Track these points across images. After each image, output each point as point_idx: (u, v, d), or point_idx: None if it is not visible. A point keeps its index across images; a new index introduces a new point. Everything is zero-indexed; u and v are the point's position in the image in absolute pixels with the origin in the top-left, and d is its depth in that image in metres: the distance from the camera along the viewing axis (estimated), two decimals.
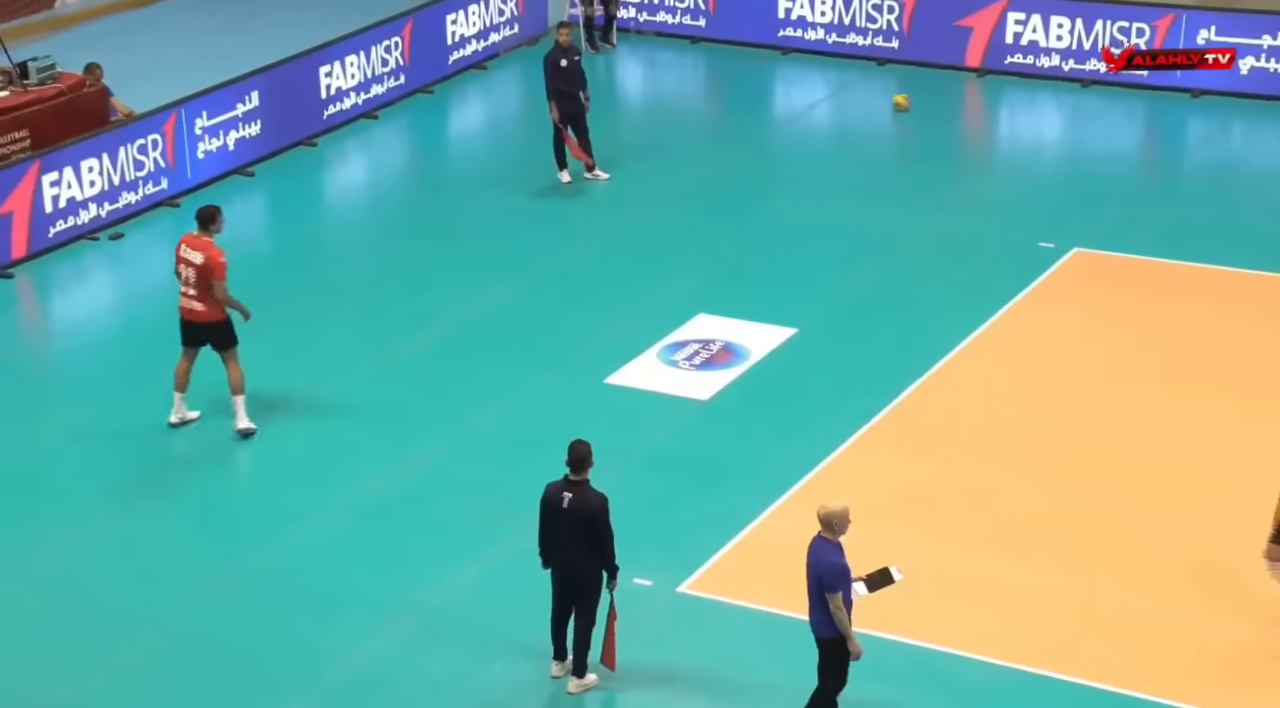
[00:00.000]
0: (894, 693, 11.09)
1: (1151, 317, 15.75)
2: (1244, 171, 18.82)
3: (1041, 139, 20.50)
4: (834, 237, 17.47)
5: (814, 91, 21.64)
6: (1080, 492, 13.16)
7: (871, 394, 14.43)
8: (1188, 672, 11.25)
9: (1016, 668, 11.29)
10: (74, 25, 23.46)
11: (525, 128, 20.27)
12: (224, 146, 19.02)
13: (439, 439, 14.04)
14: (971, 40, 21.41)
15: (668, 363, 15.15)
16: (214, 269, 13.60)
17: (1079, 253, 16.93)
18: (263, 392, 14.52)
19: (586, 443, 10.76)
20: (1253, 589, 11.97)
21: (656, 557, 12.40)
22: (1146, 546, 12.48)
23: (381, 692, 11.21)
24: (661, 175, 19.07)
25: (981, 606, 11.93)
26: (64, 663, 11.56)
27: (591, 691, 11.18)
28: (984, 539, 12.64)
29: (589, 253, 17.49)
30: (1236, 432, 13.67)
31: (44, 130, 18.37)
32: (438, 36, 21.59)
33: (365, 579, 12.32)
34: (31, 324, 16.54)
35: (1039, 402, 14.41)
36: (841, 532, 10.20)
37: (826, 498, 10.68)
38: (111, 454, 13.99)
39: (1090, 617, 11.77)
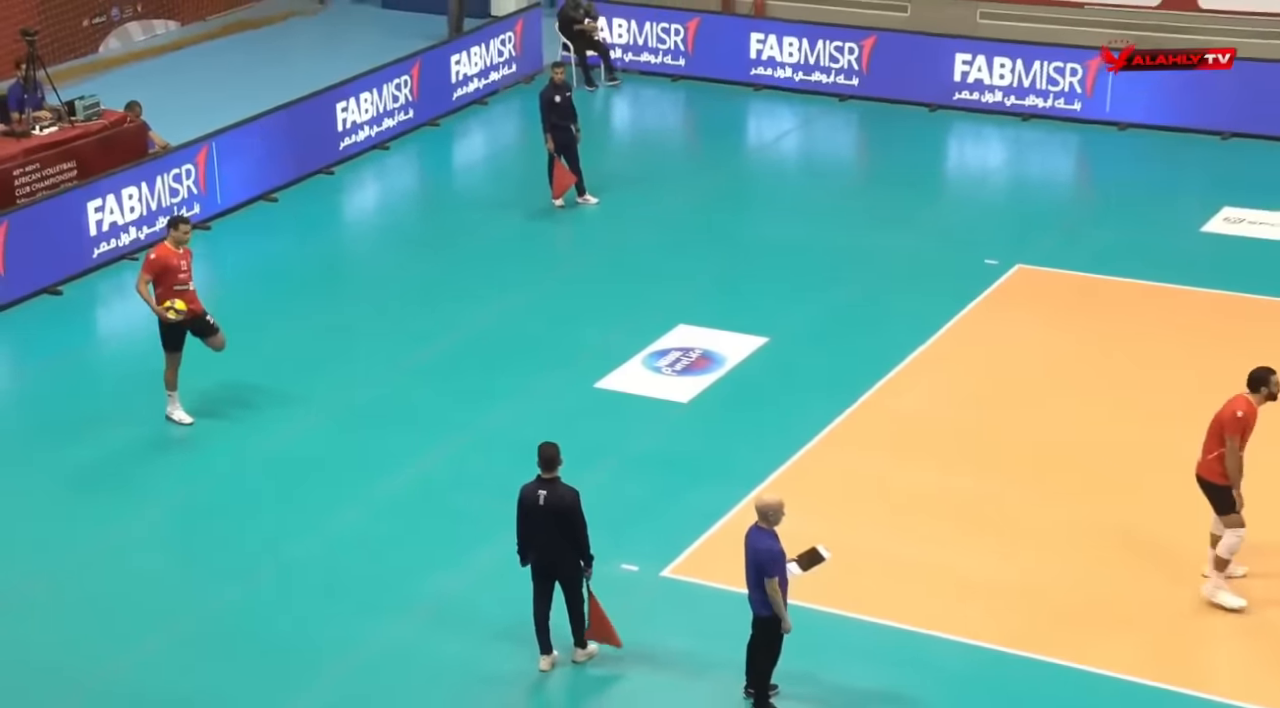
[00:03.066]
0: (843, 666, 11.10)
1: (1087, 327, 15.74)
2: (1165, 196, 18.81)
3: (987, 167, 20.49)
4: (802, 254, 17.43)
5: (783, 124, 21.61)
6: (1021, 484, 13.15)
7: (836, 397, 14.40)
8: (1122, 645, 11.24)
9: (959, 641, 11.30)
10: (116, 68, 23.47)
11: (522, 157, 20.22)
12: (250, 175, 18.93)
13: (448, 439, 13.99)
14: (924, 78, 21.38)
15: (651, 369, 15.09)
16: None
17: (1021, 269, 16.91)
18: (287, 395, 14.46)
19: (554, 444, 10.76)
20: (1186, 569, 11.94)
21: (642, 545, 12.35)
22: (1080, 532, 12.49)
23: (399, 672, 11.16)
24: (645, 199, 19.03)
25: (930, 587, 11.93)
26: (107, 643, 11.50)
27: (585, 667, 11.12)
28: (934, 527, 12.63)
29: (580, 270, 17.44)
30: (1161, 430, 13.66)
31: (89, 161, 18.38)
32: (443, 75, 21.55)
33: (385, 568, 12.27)
34: (79, 336, 16.45)
35: (986, 404, 14.39)
36: (776, 522, 10.25)
37: (795, 491, 10.66)
38: (148, 451, 13.90)
39: (1028, 596, 11.77)
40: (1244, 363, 14.86)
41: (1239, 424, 11.19)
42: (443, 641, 11.45)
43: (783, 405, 14.38)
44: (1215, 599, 11.45)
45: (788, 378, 14.88)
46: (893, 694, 10.86)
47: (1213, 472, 11.37)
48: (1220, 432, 11.26)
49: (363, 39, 24.44)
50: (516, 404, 14.49)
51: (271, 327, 15.98)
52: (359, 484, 13.35)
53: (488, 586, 11.93)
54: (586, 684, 11.08)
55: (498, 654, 11.27)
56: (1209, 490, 11.45)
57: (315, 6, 26.62)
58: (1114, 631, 11.39)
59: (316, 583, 12.13)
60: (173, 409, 14.17)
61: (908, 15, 23.03)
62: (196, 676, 11.17)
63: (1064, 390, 14.56)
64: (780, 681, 10.69)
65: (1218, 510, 11.48)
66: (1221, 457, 11.28)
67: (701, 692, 10.92)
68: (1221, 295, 16.26)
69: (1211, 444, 11.36)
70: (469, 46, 21.91)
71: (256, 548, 12.56)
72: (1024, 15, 22.44)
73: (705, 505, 12.83)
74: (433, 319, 16.21)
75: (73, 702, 11.01)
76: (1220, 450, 11.27)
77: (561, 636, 11.14)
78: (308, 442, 14.03)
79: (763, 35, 22.30)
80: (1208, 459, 11.38)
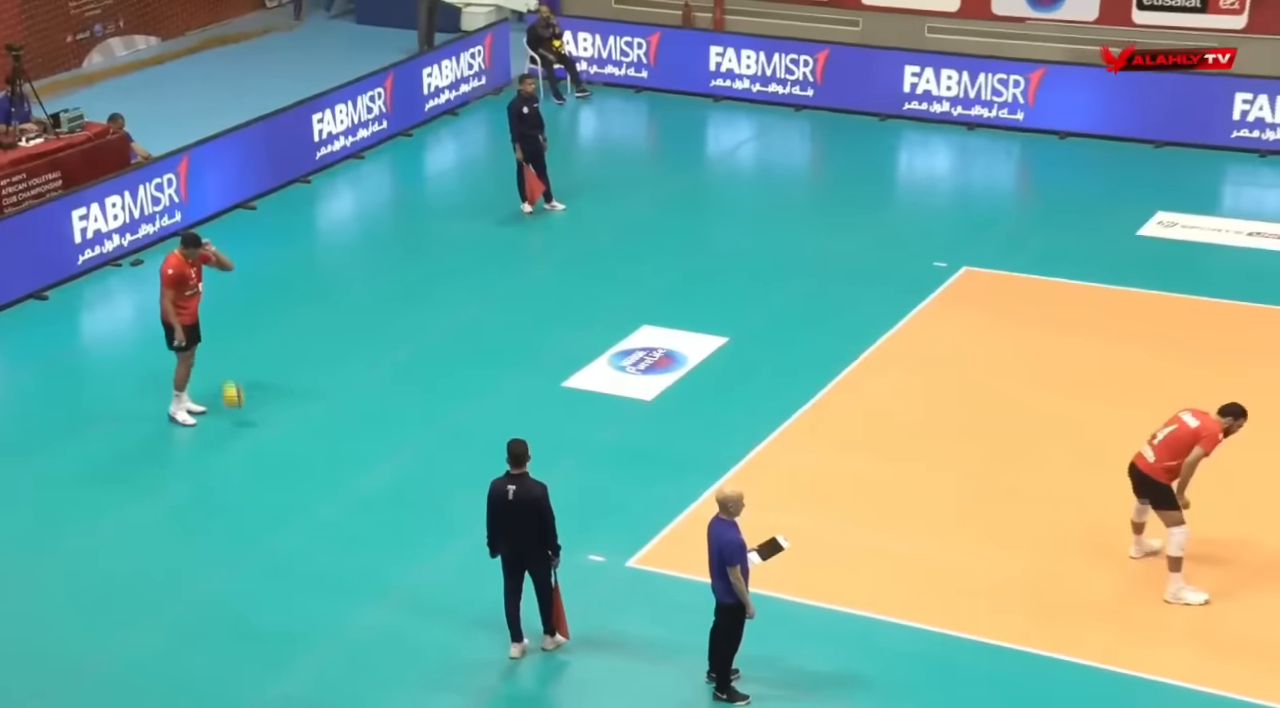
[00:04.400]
0: (802, 650, 11.11)
1: (1031, 325, 15.79)
2: (1103, 201, 18.89)
3: (935, 174, 20.54)
4: (760, 258, 17.43)
5: (741, 133, 21.60)
6: (971, 475, 13.19)
7: (793, 394, 14.39)
8: (1072, 629, 11.27)
9: (912, 626, 11.32)
10: (99, 81, 23.30)
11: (492, 166, 20.16)
12: (229, 184, 18.80)
13: (422, 436, 13.93)
14: (875, 90, 21.43)
15: (616, 368, 15.05)
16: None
17: (968, 271, 16.95)
18: (269, 394, 14.38)
19: (522, 441, 10.73)
20: (1118, 551, 12.00)
21: (608, 536, 12.32)
22: (1027, 520, 12.52)
23: (376, 659, 11.09)
24: (610, 206, 19.00)
25: (885, 574, 11.94)
26: (95, 631, 11.41)
27: (555, 654, 11.08)
28: (888, 517, 12.64)
29: (547, 273, 17.39)
30: (1103, 422, 13.71)
31: (74, 172, 18.23)
32: (415, 87, 21.46)
33: (362, 560, 12.21)
34: (65, 338, 16.31)
35: (935, 398, 14.42)
36: (736, 513, 10.25)
37: (755, 483, 10.65)
38: (137, 449, 13.79)
39: (979, 583, 11.79)
40: (1178, 359, 15.01)
41: (1214, 444, 11.24)
42: (417, 629, 11.39)
43: (742, 402, 14.37)
44: (1180, 599, 11.42)
45: (747, 376, 14.87)
46: (849, 677, 10.86)
47: (1160, 473, 11.38)
48: (1191, 443, 11.23)
49: (337, 53, 24.31)
50: (487, 402, 14.43)
51: (251, 330, 15.87)
52: (337, 480, 13.28)
53: (460, 576, 11.88)
54: (556, 670, 11.04)
55: (470, 642, 11.22)
56: (1152, 488, 11.45)
57: (292, 22, 26.47)
58: (1063, 615, 11.41)
59: (297, 574, 12.06)
60: (177, 409, 14.03)
61: (859, 29, 23.08)
62: (182, 661, 11.10)
63: (1010, 385, 14.61)
64: (741, 665, 10.68)
65: (1156, 507, 11.51)
66: (1177, 468, 11.27)
67: (666, 677, 10.89)
68: (1157, 295, 16.35)
69: (1172, 452, 11.30)
70: (440, 60, 21.83)
71: (240, 541, 12.48)
72: (969, 30, 22.52)
73: (669, 498, 12.80)
74: (406, 322, 16.13)
75: (62, 686, 10.92)
76: (1179, 461, 11.26)
77: (532, 624, 11.09)
78: (288, 439, 13.94)
79: (721, 49, 22.29)
80: (1167, 466, 11.35)
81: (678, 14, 24.16)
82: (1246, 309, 15.97)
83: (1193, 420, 11.33)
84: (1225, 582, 11.64)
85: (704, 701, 10.67)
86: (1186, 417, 11.38)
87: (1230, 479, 11.95)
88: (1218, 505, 12.07)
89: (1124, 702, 10.64)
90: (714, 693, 10.66)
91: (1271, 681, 10.73)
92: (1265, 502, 12.64)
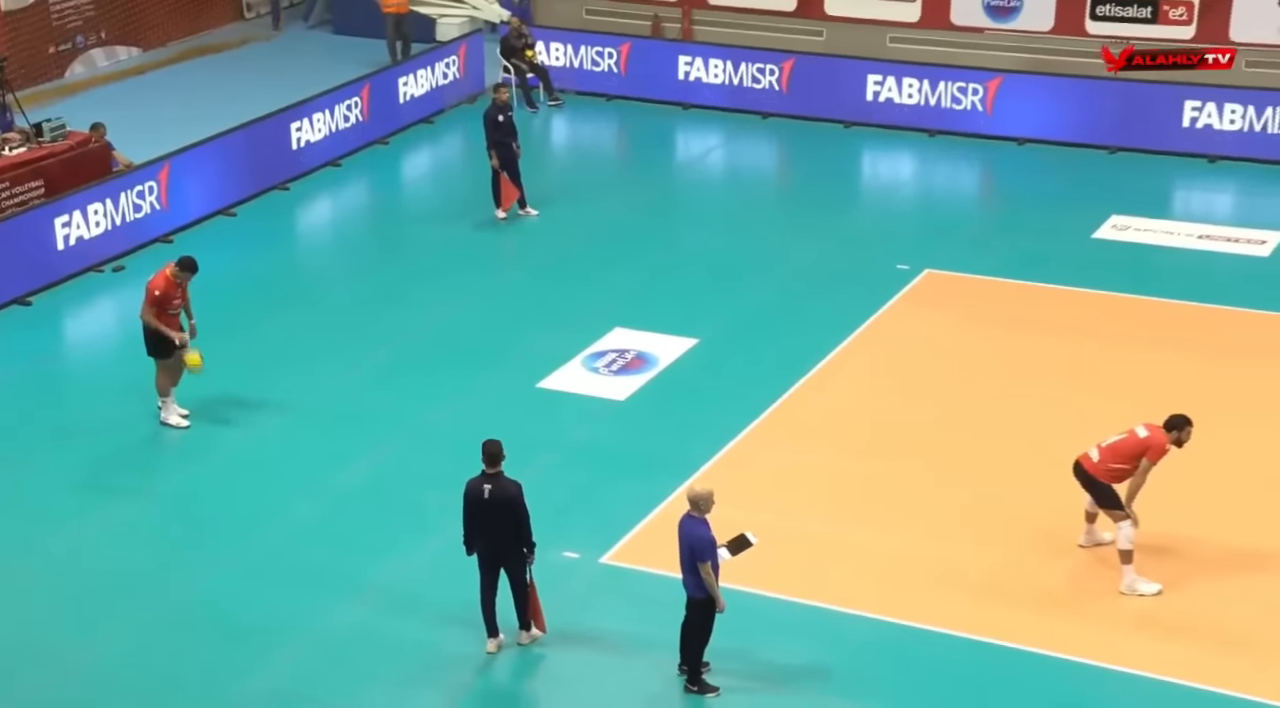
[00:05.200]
0: (770, 643, 11.11)
1: (990, 325, 15.84)
2: (1060, 206, 18.96)
3: (897, 180, 20.58)
4: (729, 261, 17.43)
5: (709, 140, 21.61)
6: (935, 471, 13.21)
7: (762, 393, 14.39)
8: (1032, 619, 11.30)
9: (878, 618, 11.33)
10: (81, 91, 23.15)
11: (467, 172, 20.09)
12: (210, 191, 18.69)
13: (400, 436, 13.87)
14: (839, 98, 21.46)
15: (590, 369, 15.02)
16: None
17: (930, 273, 16.99)
18: (247, 397, 14.30)
19: (497, 441, 10.70)
20: (1076, 545, 12.04)
21: (582, 533, 12.29)
22: (990, 514, 12.55)
23: (355, 654, 11.04)
24: (583, 211, 18.96)
25: (851, 568, 11.95)
26: (80, 626, 11.31)
27: (530, 648, 11.05)
28: (855, 513, 12.65)
29: (522, 277, 17.34)
30: (1057, 419, 13.75)
31: (56, 180, 18.11)
32: (391, 96, 21.38)
33: (340, 557, 12.14)
34: (48, 343, 16.18)
35: (901, 397, 14.44)
36: (707, 510, 10.24)
37: (725, 481, 10.63)
38: (120, 451, 13.69)
39: (944, 575, 11.81)
40: (1132, 358, 15.08)
41: (1161, 455, 11.34)
42: (395, 625, 11.34)
43: (712, 402, 14.36)
44: (1134, 590, 11.47)
45: (717, 376, 14.86)
46: (817, 668, 10.86)
47: (1102, 474, 11.46)
48: (1139, 453, 11.34)
49: (315, 63, 24.19)
50: (463, 403, 14.38)
51: (232, 333, 15.76)
52: (316, 479, 13.21)
53: (437, 573, 11.83)
54: (531, 665, 11.00)
55: (447, 637, 11.17)
56: (1095, 487, 11.53)
57: (270, 33, 26.34)
58: (1023, 606, 11.43)
59: (277, 571, 11.99)
60: (168, 414, 13.94)
61: (824, 39, 23.12)
62: (163, 656, 11.04)
63: (971, 383, 14.64)
64: (711, 658, 10.66)
65: (1102, 505, 11.60)
66: (1126, 472, 11.38)
67: (639, 670, 10.87)
68: (1111, 296, 16.42)
69: (1117, 457, 11.39)
70: (416, 69, 21.76)
71: (221, 539, 12.40)
72: (929, 39, 22.58)
73: (641, 496, 12.77)
74: (384, 325, 16.07)
75: (46, 681, 10.83)
76: (1129, 467, 11.36)
77: (507, 620, 11.06)
78: (268, 440, 13.87)
79: (690, 58, 22.28)
80: (1110, 467, 11.43)
81: (647, 24, 24.15)
82: (1197, 309, 16.06)
83: (1143, 432, 11.46)
84: (1176, 572, 11.70)
85: (675, 693, 10.65)
86: (1139, 428, 11.53)
87: (1179, 474, 12.00)
88: (1168, 499, 12.12)
89: (1081, 689, 10.67)
90: (685, 685, 10.64)
91: (1221, 667, 10.78)
92: (1213, 495, 12.71)
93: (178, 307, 13.84)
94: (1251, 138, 19.70)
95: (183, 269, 13.82)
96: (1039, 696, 10.60)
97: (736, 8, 23.70)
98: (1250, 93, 19.78)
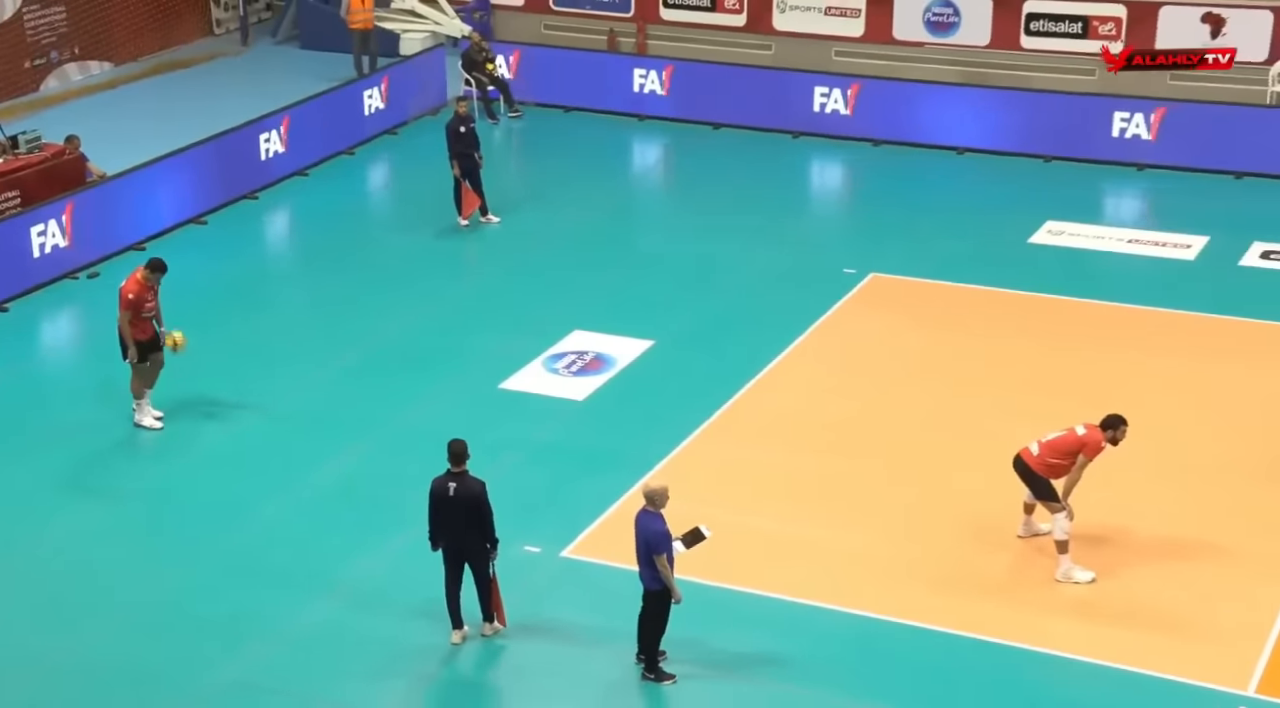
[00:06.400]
0: (724, 632, 11.09)
1: (933, 326, 15.89)
2: (998, 212, 19.06)
3: (843, 187, 20.63)
4: (683, 266, 17.41)
5: (663, 150, 21.59)
6: (882, 466, 13.24)
7: (715, 393, 14.38)
8: (977, 609, 11.34)
9: (827, 608, 11.33)
10: (56, 105, 22.90)
11: (431, 182, 19.96)
12: (181, 200, 18.50)
13: (366, 437, 13.77)
14: (787, 109, 21.48)
15: (550, 371, 14.97)
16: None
17: (875, 277, 17.03)
18: (220, 399, 14.18)
19: (462, 441, 10.65)
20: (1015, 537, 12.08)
21: (544, 528, 12.24)
22: (935, 507, 12.58)
23: (325, 647, 10.96)
24: (542, 218, 18.90)
25: (801, 560, 11.95)
26: (57, 625, 11.18)
27: (493, 639, 10.99)
28: (805, 506, 12.66)
29: (484, 282, 17.26)
30: (998, 415, 13.81)
31: (32, 190, 17.90)
32: (356, 108, 21.24)
33: (309, 554, 12.05)
34: (25, 348, 15.97)
35: (847, 395, 14.46)
36: (662, 505, 10.22)
37: (680, 477, 10.60)
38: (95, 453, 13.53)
39: (890, 566, 11.84)
40: (1067, 357, 15.17)
41: (1096, 452, 11.40)
42: (363, 618, 11.25)
43: (668, 401, 14.33)
44: (1070, 578, 11.52)
45: (672, 377, 14.84)
46: (767, 656, 10.86)
47: (1041, 468, 11.52)
48: (1075, 449, 11.40)
49: (282, 77, 23.99)
50: (428, 404, 14.29)
51: (204, 338, 15.58)
52: (286, 478, 13.10)
53: (403, 569, 11.75)
54: (494, 655, 10.95)
55: (413, 630, 11.10)
56: (1034, 481, 11.59)
57: (239, 48, 26.12)
58: (964, 595, 11.47)
59: (248, 568, 11.87)
60: (142, 416, 13.78)
61: (772, 53, 23.15)
62: (137, 652, 10.92)
63: (916, 382, 14.68)
64: (668, 647, 10.64)
65: (1039, 497, 11.66)
66: (1064, 467, 11.43)
67: (598, 659, 10.83)
68: (1046, 298, 16.51)
69: (1055, 452, 11.45)
70: (380, 82, 21.63)
71: (194, 538, 12.28)
72: (872, 54, 22.65)
73: (600, 492, 12.73)
74: (351, 329, 15.95)
75: (21, 677, 10.67)
76: (1066, 462, 11.42)
77: (471, 612, 10.99)
78: (239, 442, 13.74)
79: (645, 71, 22.26)
80: (1049, 462, 11.49)
81: (603, 39, 24.11)
82: (1126, 309, 16.18)
83: (1081, 430, 11.53)
84: (1109, 561, 11.77)
85: (633, 681, 10.62)
86: (1077, 427, 11.58)
87: (1112, 467, 12.08)
88: (1102, 491, 12.19)
89: (1020, 672, 10.72)
90: (642, 673, 10.61)
91: (1152, 649, 10.86)
92: (1143, 486, 12.79)
93: (151, 310, 13.67)
94: (1176, 147, 19.88)
95: (152, 270, 13.66)
96: (980, 679, 10.64)
97: (689, 23, 23.70)
98: (1174, 103, 19.95)
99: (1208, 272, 17.05)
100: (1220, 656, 10.75)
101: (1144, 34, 21.36)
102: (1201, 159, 19.72)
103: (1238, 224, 18.20)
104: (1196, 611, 11.28)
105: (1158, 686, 10.54)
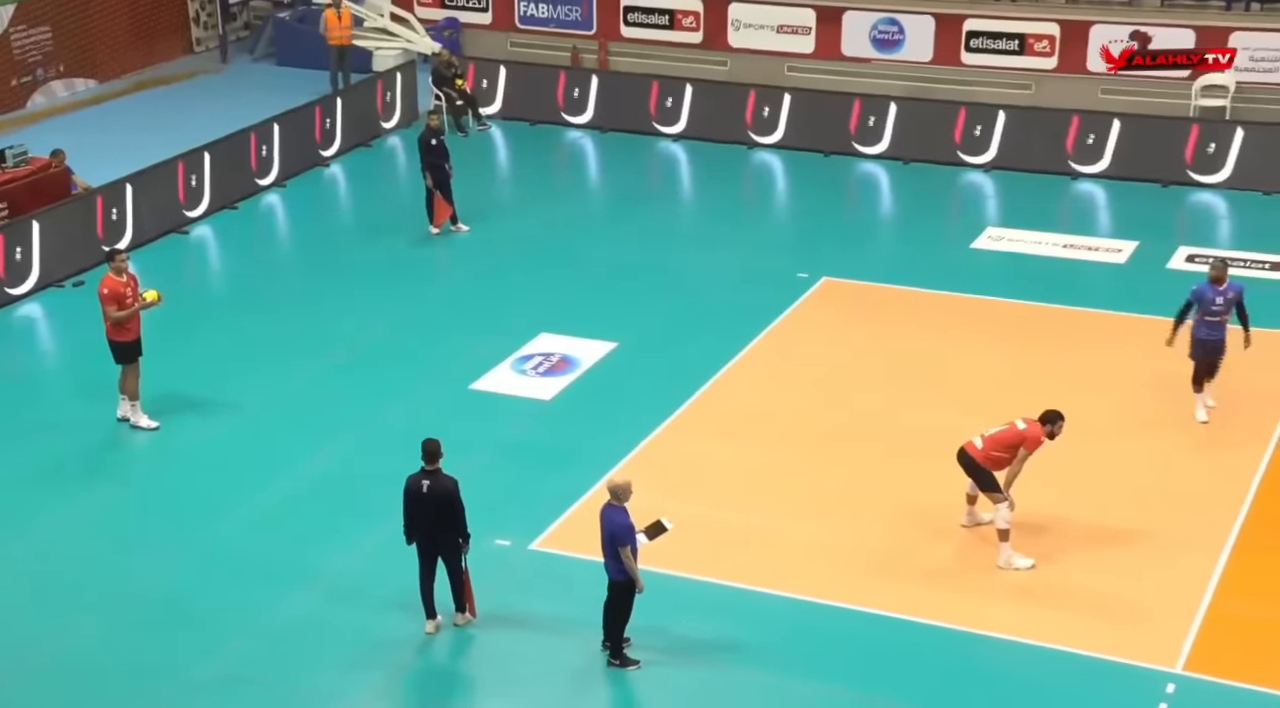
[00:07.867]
0: (686, 620, 11.10)
1: (882, 327, 15.95)
2: (942, 218, 19.14)
3: (795, 196, 20.66)
4: (644, 271, 17.40)
5: (624, 160, 21.54)
6: (834, 459, 13.28)
7: (676, 392, 14.38)
8: (924, 594, 11.37)
9: (784, 595, 11.35)
10: (41, 120, 22.65)
11: (403, 191, 19.89)
12: (163, 211, 18.33)
13: (342, 436, 13.70)
14: (741, 122, 21.49)
15: (518, 372, 14.93)
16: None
17: (827, 281, 17.08)
18: (201, 400, 14.06)
19: (436, 440, 10.61)
20: (958, 526, 12.14)
21: (513, 523, 12.20)
22: (885, 498, 12.63)
23: (303, 638, 10.87)
24: (510, 226, 18.85)
25: (760, 550, 11.97)
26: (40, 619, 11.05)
27: (465, 629, 10.94)
28: (763, 499, 12.67)
29: (454, 288, 17.20)
30: (942, 411, 13.87)
31: (19, 203, 17.71)
32: (332, 122, 21.11)
33: (287, 549, 11.97)
34: (11, 354, 15.78)
35: (801, 393, 14.49)
36: (626, 499, 10.22)
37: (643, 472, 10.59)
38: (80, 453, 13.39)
39: (844, 554, 11.86)
40: (1008, 355, 15.25)
41: (1036, 446, 11.46)
42: (340, 610, 11.18)
43: (631, 400, 14.31)
44: (1011, 565, 11.59)
45: (635, 377, 14.82)
46: (727, 642, 10.87)
47: (985, 461, 11.58)
48: (1016, 443, 11.46)
49: (261, 93, 23.81)
50: (401, 405, 14.22)
51: (187, 342, 15.50)
52: (266, 476, 13.01)
53: (378, 562, 11.68)
54: (466, 644, 10.90)
55: (388, 621, 11.04)
56: (976, 471, 11.65)
57: (219, 65, 25.92)
58: (911, 581, 11.52)
59: (227, 563, 11.78)
60: (137, 418, 13.64)
61: (727, 68, 23.17)
62: (119, 645, 10.82)
63: (865, 380, 14.73)
64: (632, 634, 10.63)
65: (983, 488, 11.72)
66: (1005, 460, 11.50)
67: (566, 647, 10.81)
68: (988, 300, 16.61)
69: (998, 446, 11.51)
70: (354, 97, 21.49)
71: (173, 532, 12.18)
72: (822, 69, 22.71)
73: (566, 488, 12.71)
74: (327, 333, 15.86)
75: (7, 669, 10.54)
76: (1007, 455, 11.48)
77: (445, 604, 10.94)
78: (219, 440, 13.64)
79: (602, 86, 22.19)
80: (992, 455, 11.55)
81: (567, 55, 24.07)
82: (1063, 310, 16.29)
83: (1021, 424, 11.59)
84: (1048, 548, 11.85)
85: (599, 667, 10.60)
86: (1018, 421, 11.64)
87: (1050, 460, 12.15)
88: (1041, 482, 12.27)
89: (964, 654, 10.77)
90: (608, 660, 10.60)
91: (1089, 631, 10.93)
92: (1079, 478, 12.88)
93: (131, 304, 13.51)
94: (1108, 157, 20.03)
95: (113, 259, 13.50)
96: (928, 661, 10.69)
97: (648, 40, 23.69)
98: (1106, 116, 20.10)
99: (1138, 274, 17.20)
100: (1150, 635, 10.85)
101: (1076, 52, 21.53)
102: (1132, 169, 19.88)
103: (1165, 230, 18.38)
104: (1126, 592, 11.37)
105: (1092, 665, 10.61)
